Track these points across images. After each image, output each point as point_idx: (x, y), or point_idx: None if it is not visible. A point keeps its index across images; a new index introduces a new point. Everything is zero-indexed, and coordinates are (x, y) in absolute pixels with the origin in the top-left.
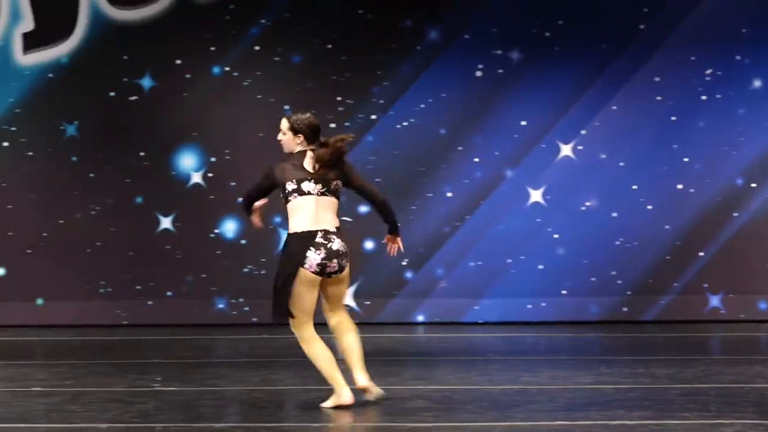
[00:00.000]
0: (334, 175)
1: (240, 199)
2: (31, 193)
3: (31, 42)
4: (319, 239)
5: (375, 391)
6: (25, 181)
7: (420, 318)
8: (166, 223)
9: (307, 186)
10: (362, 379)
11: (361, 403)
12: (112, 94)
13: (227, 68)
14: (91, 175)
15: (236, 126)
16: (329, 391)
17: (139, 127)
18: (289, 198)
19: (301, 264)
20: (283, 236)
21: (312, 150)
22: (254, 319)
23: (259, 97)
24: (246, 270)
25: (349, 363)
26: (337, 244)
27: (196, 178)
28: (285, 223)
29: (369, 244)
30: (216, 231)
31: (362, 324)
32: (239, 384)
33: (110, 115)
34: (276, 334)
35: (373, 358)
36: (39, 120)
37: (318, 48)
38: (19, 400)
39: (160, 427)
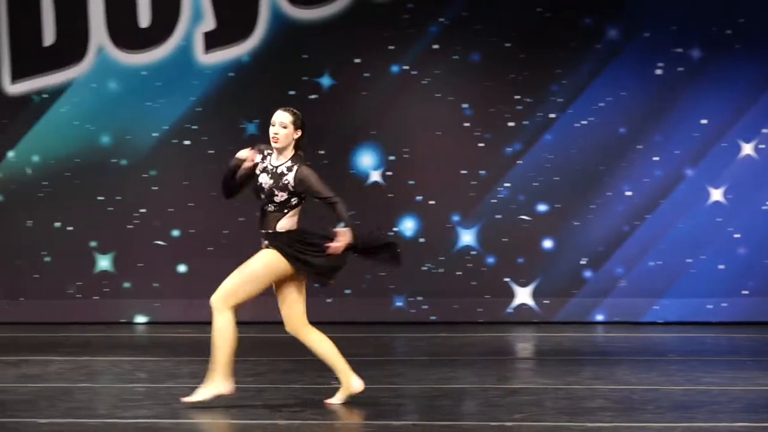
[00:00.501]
0: None
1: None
2: (212, 191)
3: (212, 41)
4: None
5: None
6: (206, 180)
7: (599, 317)
8: None
9: None
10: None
11: (535, 402)
12: (291, 92)
13: (406, 67)
14: None
15: (414, 124)
16: (509, 390)
17: (319, 126)
18: (303, 201)
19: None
20: (462, 235)
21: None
22: (432, 318)
23: (438, 95)
24: (424, 268)
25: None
26: None
27: (375, 176)
28: (463, 221)
29: (548, 243)
30: (395, 229)
31: (541, 323)
32: (418, 382)
33: None
34: (455, 333)
35: (551, 358)
36: (220, 118)
37: (497, 46)
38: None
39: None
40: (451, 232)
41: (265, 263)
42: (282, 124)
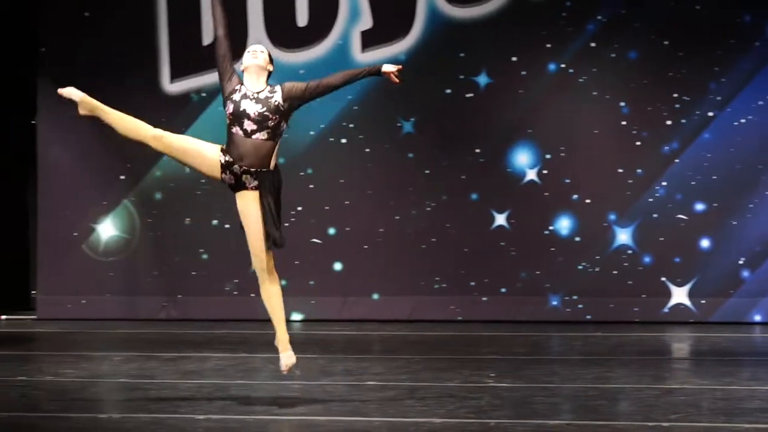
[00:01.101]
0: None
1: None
2: (368, 189)
3: (369, 40)
4: None
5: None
6: (362, 178)
7: (757, 318)
8: (500, 219)
9: None
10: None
11: (692, 403)
12: (448, 91)
13: (563, 65)
14: (427, 171)
15: (571, 123)
16: (665, 390)
17: (475, 124)
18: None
19: None
20: (619, 234)
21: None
22: (588, 317)
23: (595, 93)
24: (580, 267)
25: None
26: None
27: (531, 175)
28: (619, 220)
29: (705, 243)
30: (550, 228)
31: (697, 323)
32: (573, 381)
33: (446, 112)
34: (610, 332)
35: (708, 358)
36: (376, 117)
37: (654, 44)
38: (355, 393)
39: (493, 423)
40: (608, 231)
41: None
42: (261, 50)
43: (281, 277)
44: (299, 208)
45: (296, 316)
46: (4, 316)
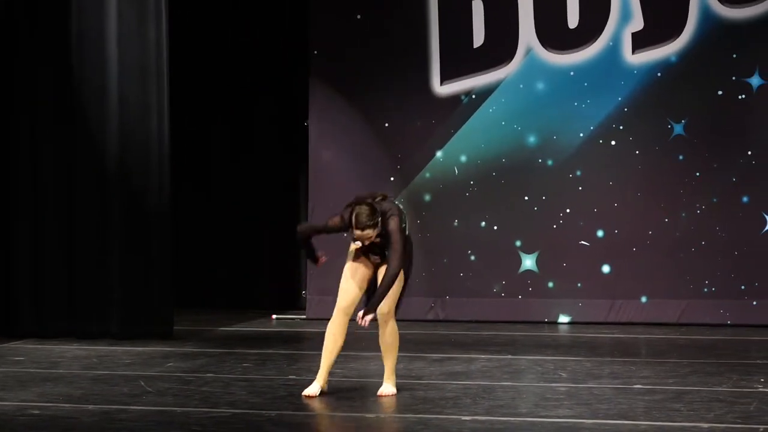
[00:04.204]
0: None
1: None
2: (637, 191)
3: (640, 41)
4: None
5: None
6: (632, 180)
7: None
8: None
9: None
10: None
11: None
12: (720, 92)
13: None
14: (697, 173)
15: None
16: None
17: (746, 126)
18: None
19: None
20: None
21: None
22: None
23: None
24: None
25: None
26: None
27: None
28: None
29: None
30: None
31: None
32: None
33: (717, 114)
34: None
35: None
36: (646, 118)
37: None
38: (622, 396)
39: (762, 429)
40: None
41: None
42: (368, 236)
43: (550, 280)
44: (567, 210)
45: (564, 318)
46: (275, 316)
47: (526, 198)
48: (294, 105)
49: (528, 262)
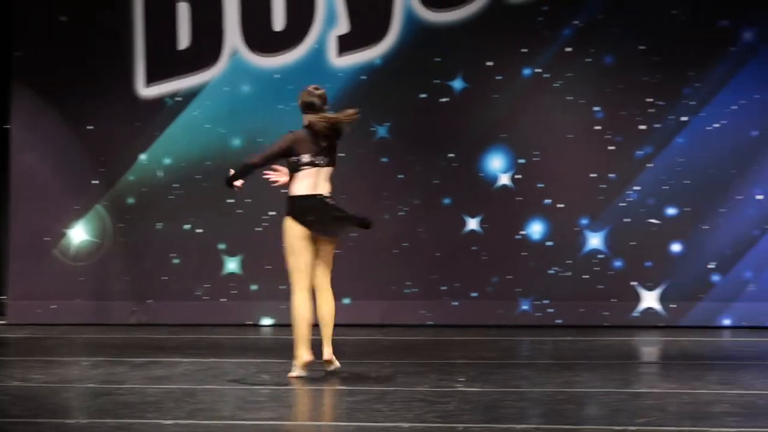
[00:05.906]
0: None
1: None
2: (341, 194)
3: (346, 44)
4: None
5: (335, 365)
6: (336, 183)
7: (726, 322)
8: (472, 224)
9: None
10: (327, 352)
11: (659, 407)
12: (423, 95)
13: (538, 70)
14: (400, 176)
15: (545, 127)
16: (633, 394)
17: (449, 129)
18: (301, 168)
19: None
20: (590, 239)
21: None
22: (558, 321)
23: (569, 98)
24: (551, 271)
25: (321, 334)
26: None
27: (504, 179)
28: (591, 225)
29: (676, 247)
30: (522, 232)
31: (667, 327)
32: (541, 385)
33: (421, 117)
34: (580, 336)
35: (677, 362)
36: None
37: (630, 49)
38: (326, 398)
39: (461, 428)
40: (579, 236)
41: None
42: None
43: (253, 283)
44: (271, 213)
45: (266, 321)
46: None
47: (231, 201)
48: None
49: (231, 265)
